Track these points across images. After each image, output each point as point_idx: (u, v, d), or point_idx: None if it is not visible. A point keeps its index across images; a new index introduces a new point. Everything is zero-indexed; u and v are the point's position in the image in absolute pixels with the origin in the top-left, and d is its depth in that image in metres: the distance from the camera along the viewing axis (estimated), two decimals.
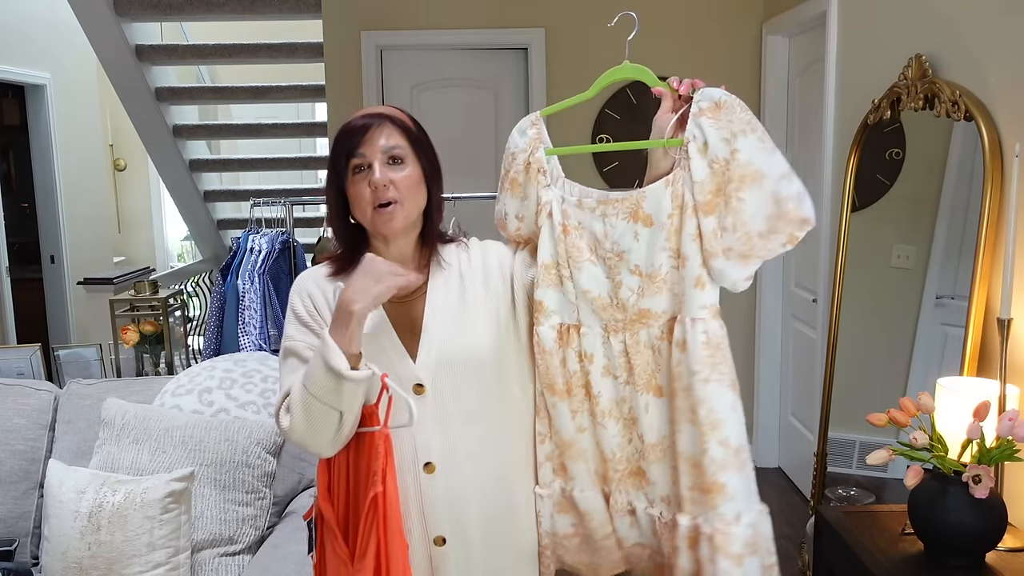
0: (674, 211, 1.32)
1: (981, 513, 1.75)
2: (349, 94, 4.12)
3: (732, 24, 4.06)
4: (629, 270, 1.37)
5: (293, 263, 3.53)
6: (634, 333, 1.38)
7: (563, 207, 1.41)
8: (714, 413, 1.32)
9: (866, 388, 2.79)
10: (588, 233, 1.39)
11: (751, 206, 1.27)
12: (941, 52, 2.39)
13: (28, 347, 3.36)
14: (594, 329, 1.40)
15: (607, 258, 1.38)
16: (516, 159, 1.46)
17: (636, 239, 1.35)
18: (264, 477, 2.14)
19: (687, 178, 1.30)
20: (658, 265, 1.34)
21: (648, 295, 1.36)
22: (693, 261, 1.31)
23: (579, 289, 1.40)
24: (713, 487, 1.33)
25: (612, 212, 1.37)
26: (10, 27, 5.47)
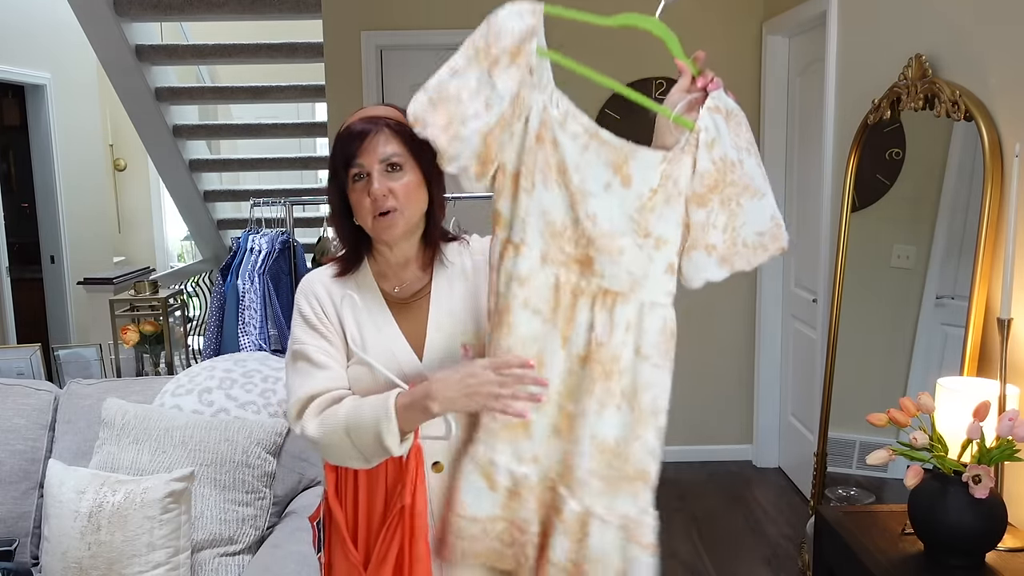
0: (658, 189, 1.29)
1: (981, 513, 1.75)
2: (349, 94, 4.12)
3: (732, 24, 4.06)
4: (587, 214, 1.29)
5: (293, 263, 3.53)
6: (569, 271, 1.30)
7: (543, 116, 1.28)
8: (658, 401, 1.30)
9: (866, 388, 2.79)
10: (561, 155, 1.29)
11: (748, 214, 1.30)
12: (941, 52, 2.39)
13: (28, 347, 3.36)
14: (533, 251, 1.30)
15: (572, 191, 1.29)
16: (501, 38, 1.28)
17: (606, 190, 1.29)
18: (264, 477, 2.14)
19: (688, 165, 1.29)
20: (617, 229, 1.29)
21: (597, 249, 1.29)
22: (672, 247, 1.30)
23: (539, 207, 1.29)
24: (640, 476, 1.31)
25: (595, 149, 1.29)
26: (10, 27, 5.47)
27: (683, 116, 1.32)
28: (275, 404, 2.28)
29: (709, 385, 4.26)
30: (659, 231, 1.29)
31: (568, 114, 1.30)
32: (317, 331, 1.44)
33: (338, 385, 1.40)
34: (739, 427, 4.30)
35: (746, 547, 3.36)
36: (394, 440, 1.30)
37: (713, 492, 3.92)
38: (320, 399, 1.37)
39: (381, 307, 1.46)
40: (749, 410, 4.28)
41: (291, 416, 1.41)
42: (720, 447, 4.31)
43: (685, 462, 4.25)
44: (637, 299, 1.29)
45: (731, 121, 1.30)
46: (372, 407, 1.32)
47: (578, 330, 1.30)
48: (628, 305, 1.29)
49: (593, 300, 1.29)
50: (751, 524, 3.58)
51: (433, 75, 1.29)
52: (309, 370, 1.41)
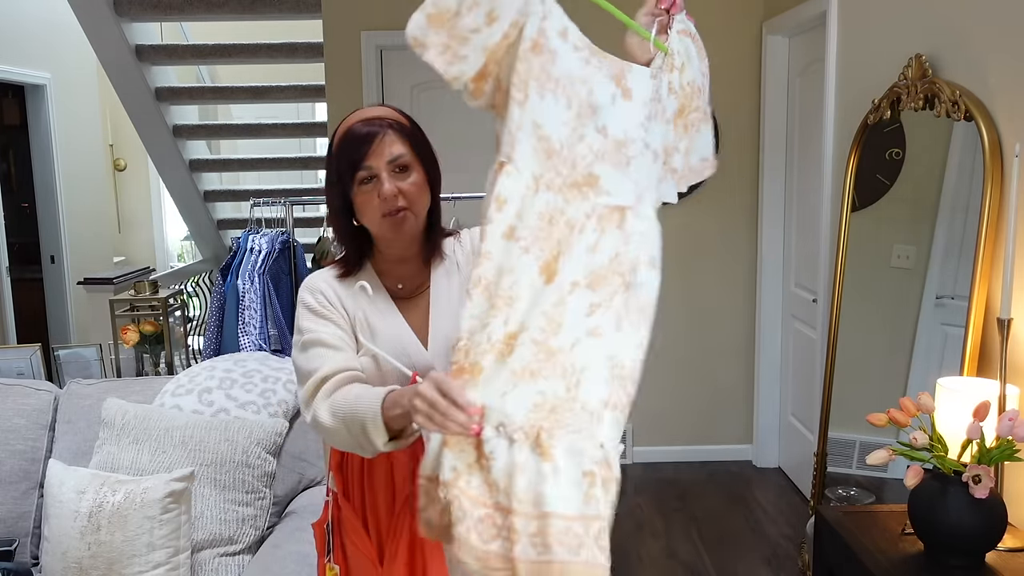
0: (655, 108, 1.27)
1: (981, 513, 1.75)
2: (349, 94, 4.12)
3: (732, 24, 4.05)
4: (596, 127, 1.20)
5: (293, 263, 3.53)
6: (566, 200, 1.18)
7: (542, 24, 1.16)
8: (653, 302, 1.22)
9: (866, 388, 2.79)
10: (562, 66, 1.17)
11: (701, 139, 1.34)
12: (941, 52, 2.39)
13: (28, 347, 3.36)
14: (523, 173, 1.17)
15: (579, 104, 1.19)
16: None
17: (613, 102, 1.21)
18: (264, 477, 2.14)
19: (665, 86, 1.28)
20: (631, 137, 1.23)
21: (607, 164, 1.21)
22: (660, 161, 1.29)
23: (530, 119, 1.16)
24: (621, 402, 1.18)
25: (596, 63, 1.21)
26: (10, 27, 5.47)
27: (663, 43, 1.31)
28: (275, 404, 2.28)
29: (709, 385, 4.26)
30: (655, 144, 1.27)
31: (567, 26, 1.20)
32: (325, 318, 1.45)
33: (351, 366, 1.41)
34: (739, 427, 4.30)
35: (746, 547, 3.36)
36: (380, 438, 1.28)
37: (713, 492, 3.92)
38: (334, 379, 1.38)
39: (387, 301, 1.49)
40: (749, 410, 4.28)
41: (304, 400, 1.40)
42: (720, 447, 4.31)
43: (685, 462, 4.25)
44: (645, 211, 1.24)
45: (696, 45, 1.33)
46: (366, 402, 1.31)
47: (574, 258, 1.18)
48: (639, 218, 1.23)
49: (601, 220, 1.20)
50: (751, 524, 3.58)
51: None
52: (323, 352, 1.42)
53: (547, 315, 1.16)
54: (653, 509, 3.73)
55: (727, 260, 4.20)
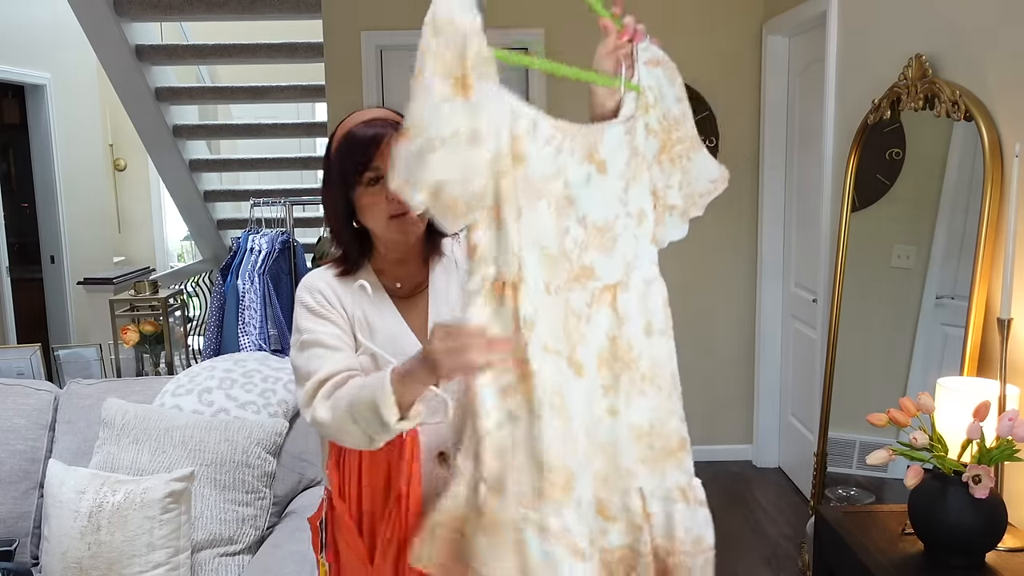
0: (631, 163, 1.23)
1: (981, 513, 1.75)
2: (349, 94, 4.12)
3: (732, 24, 4.05)
4: (577, 219, 1.17)
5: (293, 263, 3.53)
6: (568, 296, 1.19)
7: (512, 129, 1.10)
8: (674, 369, 1.27)
9: (866, 388, 2.79)
10: (537, 168, 1.13)
11: (698, 167, 1.30)
12: (941, 52, 2.39)
13: (28, 347, 3.36)
14: (537, 286, 1.13)
15: (556, 201, 1.16)
16: (469, 41, 1.06)
17: (588, 183, 1.18)
18: (264, 477, 2.14)
19: (643, 130, 1.24)
20: (611, 217, 1.20)
21: (593, 250, 1.19)
22: (650, 217, 1.26)
23: (531, 235, 1.13)
24: (681, 445, 1.29)
25: (567, 147, 1.15)
26: (10, 27, 5.47)
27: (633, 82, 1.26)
28: (275, 404, 2.28)
29: (709, 385, 4.26)
30: (638, 205, 1.24)
31: (534, 117, 1.13)
32: (324, 318, 1.45)
33: (351, 366, 1.41)
34: (739, 427, 4.30)
35: (746, 547, 3.36)
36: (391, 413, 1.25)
37: (713, 492, 3.90)
38: (333, 380, 1.37)
39: (385, 300, 1.49)
40: (749, 410, 4.28)
41: (303, 401, 1.40)
42: (720, 447, 4.31)
43: None
44: (636, 282, 1.24)
45: (667, 71, 1.27)
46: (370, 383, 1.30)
47: (588, 346, 1.20)
48: (629, 291, 1.23)
49: (596, 303, 1.21)
50: (751, 524, 3.58)
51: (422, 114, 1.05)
52: (322, 353, 1.41)
53: (589, 407, 1.22)
54: None
55: (727, 260, 4.20)
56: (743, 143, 4.12)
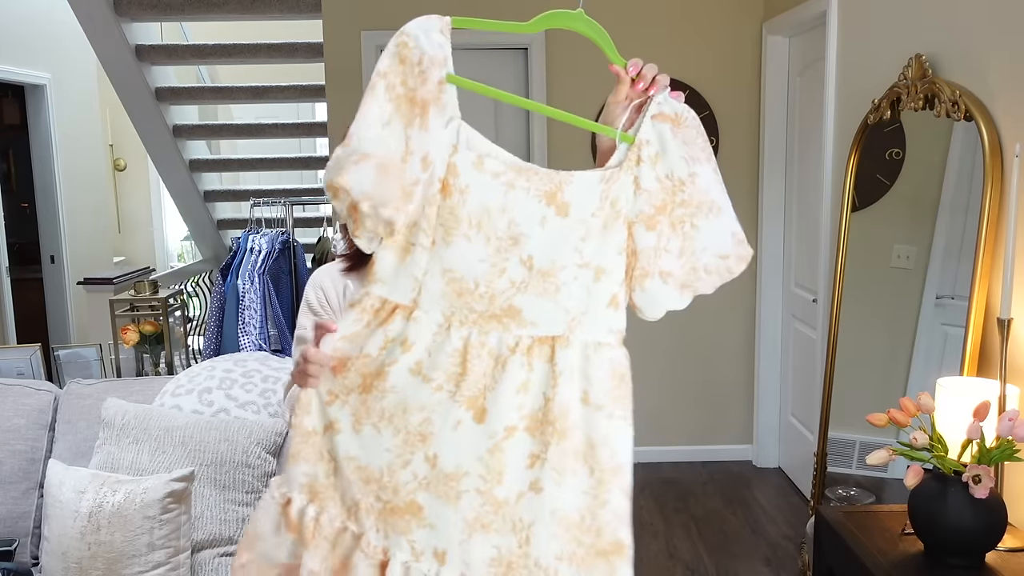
0: (599, 213, 1.13)
1: (981, 513, 1.75)
2: (349, 94, 4.12)
3: (732, 24, 4.06)
4: (520, 259, 1.11)
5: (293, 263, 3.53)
6: (484, 332, 1.11)
7: (451, 160, 1.09)
8: (617, 456, 1.11)
9: (866, 388, 2.79)
10: (476, 202, 1.10)
11: (705, 236, 1.16)
12: (941, 52, 2.39)
13: (28, 347, 3.36)
14: (431, 315, 1.11)
15: (497, 238, 1.11)
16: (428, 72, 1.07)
17: (542, 225, 1.11)
18: (264, 477, 2.14)
19: (629, 184, 1.14)
20: (559, 264, 1.12)
21: (529, 294, 1.11)
22: (613, 277, 1.13)
23: (440, 266, 1.10)
24: (615, 549, 1.11)
25: (522, 185, 1.11)
26: (10, 27, 5.47)
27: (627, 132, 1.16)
28: (275, 404, 2.28)
29: (709, 385, 4.26)
30: (597, 260, 1.13)
31: (482, 151, 1.10)
32: (318, 316, 1.50)
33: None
34: (739, 427, 4.30)
35: (746, 547, 3.37)
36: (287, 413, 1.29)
37: (713, 492, 3.92)
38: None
39: None
40: (749, 410, 4.28)
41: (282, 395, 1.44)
42: (720, 447, 4.31)
43: (685, 462, 4.25)
44: (579, 340, 1.12)
45: (680, 128, 1.15)
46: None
47: (501, 395, 1.10)
48: (570, 348, 1.12)
49: (528, 353, 1.11)
50: (751, 524, 3.58)
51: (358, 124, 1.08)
52: None
53: (484, 462, 1.10)
54: (653, 509, 3.73)
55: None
56: (743, 143, 4.12)
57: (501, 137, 4.18)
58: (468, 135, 1.12)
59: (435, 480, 1.10)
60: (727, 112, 4.10)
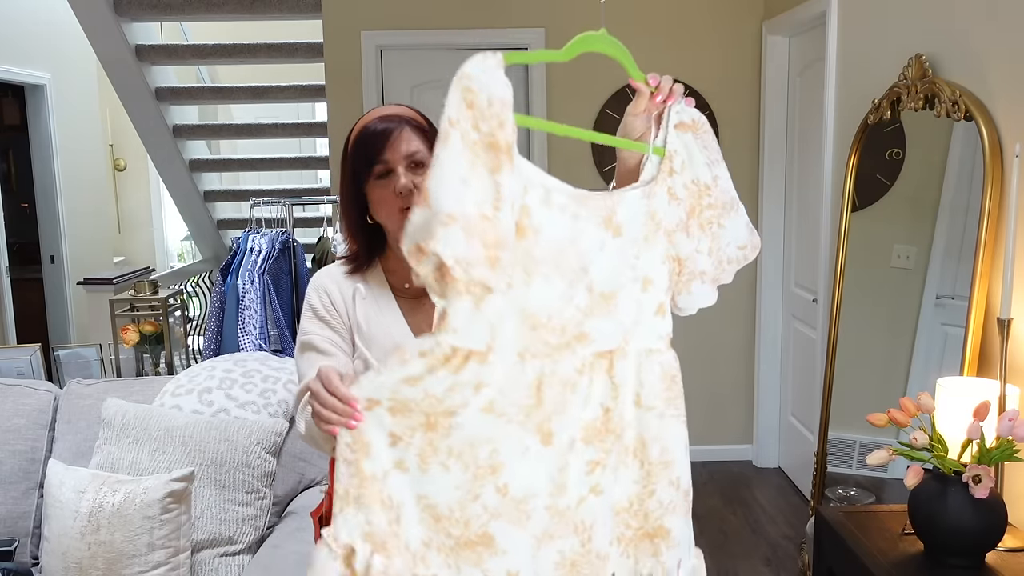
0: (643, 228, 1.17)
1: (981, 513, 1.75)
2: (349, 94, 4.12)
3: (732, 24, 4.06)
4: (586, 286, 1.12)
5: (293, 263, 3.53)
6: (555, 361, 1.11)
7: (524, 201, 1.05)
8: (667, 452, 1.19)
9: (866, 388, 2.79)
10: (549, 239, 1.08)
11: (729, 232, 1.25)
12: (941, 52, 2.39)
13: (28, 347, 3.36)
14: (506, 356, 1.08)
15: (571, 271, 1.11)
16: (502, 114, 1.01)
17: (602, 249, 1.13)
18: (264, 477, 2.14)
19: (664, 195, 1.19)
20: (619, 284, 1.15)
21: (595, 316, 1.13)
22: (659, 285, 1.18)
23: (516, 306, 1.08)
24: (660, 533, 1.20)
25: (584, 214, 1.11)
26: (10, 27, 5.47)
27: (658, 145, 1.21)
28: (275, 404, 2.28)
29: (709, 385, 4.26)
30: (644, 272, 1.18)
31: (550, 187, 1.09)
32: (324, 322, 1.47)
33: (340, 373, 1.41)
34: (739, 427, 4.30)
35: (746, 547, 3.37)
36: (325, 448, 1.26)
37: (713, 492, 3.92)
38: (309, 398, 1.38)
39: (390, 302, 1.48)
40: (749, 410, 4.28)
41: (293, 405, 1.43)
42: (720, 447, 4.31)
43: None
44: (633, 350, 1.17)
45: (699, 134, 1.22)
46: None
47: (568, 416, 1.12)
48: (627, 359, 1.16)
49: (591, 370, 1.14)
50: (751, 524, 3.58)
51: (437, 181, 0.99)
52: (314, 359, 1.43)
53: (553, 479, 1.12)
54: None
55: None
56: (743, 143, 4.12)
57: None
58: (531, 171, 1.07)
59: (506, 508, 1.09)
60: (727, 112, 4.10)
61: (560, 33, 4.02)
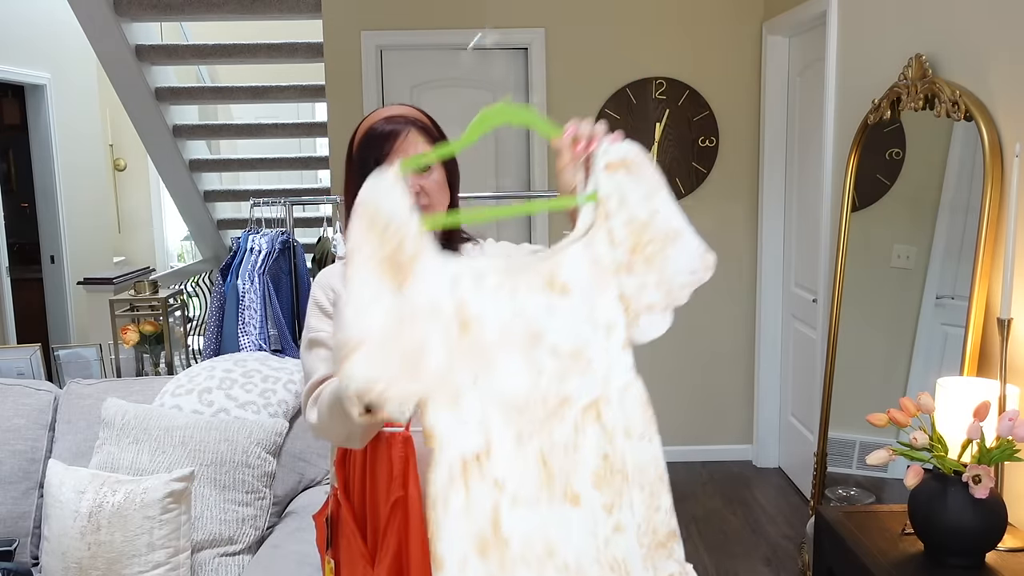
0: (591, 277, 1.17)
1: (981, 513, 1.75)
2: (349, 94, 4.12)
3: (732, 24, 4.06)
4: (549, 351, 1.13)
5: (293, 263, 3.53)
6: (551, 432, 1.13)
7: (456, 295, 1.06)
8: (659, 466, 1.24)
9: (866, 388, 2.79)
10: (493, 322, 1.09)
11: (675, 262, 1.24)
12: (941, 52, 2.39)
13: (28, 347, 3.36)
14: (505, 446, 1.09)
15: (522, 342, 1.12)
16: (401, 231, 1.03)
17: (551, 313, 1.14)
18: (264, 477, 2.14)
19: (604, 239, 1.18)
20: (583, 340, 1.16)
21: (570, 377, 1.15)
22: (619, 325, 1.20)
23: (490, 397, 1.09)
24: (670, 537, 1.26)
25: (522, 286, 1.12)
26: (10, 27, 5.47)
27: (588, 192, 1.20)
28: (275, 404, 2.28)
29: (709, 385, 4.26)
30: (605, 319, 1.19)
31: (480, 270, 1.09)
32: (332, 318, 1.46)
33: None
34: (739, 427, 4.30)
35: (746, 547, 3.36)
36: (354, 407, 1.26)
37: (713, 492, 3.92)
38: (331, 382, 1.37)
39: None
40: (749, 410, 4.28)
41: (302, 403, 1.43)
42: (720, 447, 4.31)
43: (685, 462, 4.25)
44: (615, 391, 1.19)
45: (632, 171, 1.19)
46: None
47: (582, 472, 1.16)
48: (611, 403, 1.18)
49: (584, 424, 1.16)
50: (751, 524, 3.58)
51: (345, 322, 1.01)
52: (324, 355, 1.43)
53: (596, 535, 1.16)
54: None
55: (727, 260, 4.20)
56: (743, 143, 4.12)
57: (501, 136, 4.18)
58: (453, 267, 1.08)
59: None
60: (727, 112, 4.10)
61: (560, 33, 4.02)
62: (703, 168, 4.14)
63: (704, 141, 4.12)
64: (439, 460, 1.05)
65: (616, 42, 4.02)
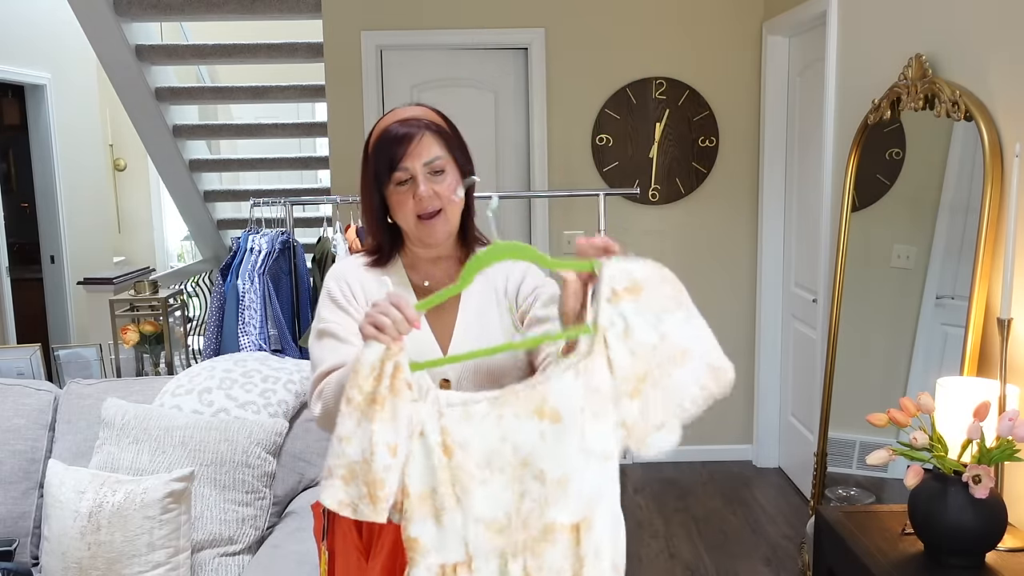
0: (587, 406, 1.16)
1: (981, 513, 1.75)
2: (349, 94, 4.13)
3: (732, 24, 4.06)
4: (534, 476, 1.16)
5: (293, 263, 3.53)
6: (538, 556, 1.17)
7: (442, 423, 1.16)
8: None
9: (866, 388, 2.79)
10: (479, 448, 1.16)
11: (682, 381, 1.20)
12: (941, 52, 2.39)
13: (28, 347, 3.36)
14: (489, 562, 1.17)
15: (510, 466, 1.16)
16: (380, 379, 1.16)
17: (542, 439, 1.16)
18: (264, 477, 2.14)
19: (604, 367, 1.16)
20: (570, 468, 1.16)
21: (554, 504, 1.17)
22: (616, 455, 1.19)
23: (471, 517, 1.16)
24: None
25: (510, 412, 1.16)
26: (10, 27, 5.47)
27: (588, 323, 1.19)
28: (275, 404, 2.28)
29: None
30: (600, 447, 1.18)
31: (464, 403, 1.18)
32: (344, 310, 1.47)
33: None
34: (739, 427, 4.30)
35: (746, 547, 3.36)
36: None
37: (713, 492, 3.92)
38: (336, 373, 1.38)
39: (411, 298, 1.49)
40: (749, 410, 4.28)
41: (309, 392, 1.43)
42: (720, 447, 4.31)
43: (685, 462, 4.25)
44: (601, 517, 1.20)
45: (641, 295, 1.16)
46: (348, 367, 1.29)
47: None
48: (592, 530, 1.19)
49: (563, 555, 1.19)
50: (751, 524, 3.58)
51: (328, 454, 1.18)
52: (334, 345, 1.43)
53: None
54: (653, 509, 3.73)
55: (727, 260, 4.20)
56: (743, 143, 4.12)
57: (501, 136, 4.18)
58: (444, 396, 1.19)
59: None
60: (727, 112, 4.10)
61: (560, 33, 4.02)
62: (703, 168, 4.14)
63: (704, 141, 4.12)
64: (418, 563, 1.16)
65: (616, 42, 4.02)
